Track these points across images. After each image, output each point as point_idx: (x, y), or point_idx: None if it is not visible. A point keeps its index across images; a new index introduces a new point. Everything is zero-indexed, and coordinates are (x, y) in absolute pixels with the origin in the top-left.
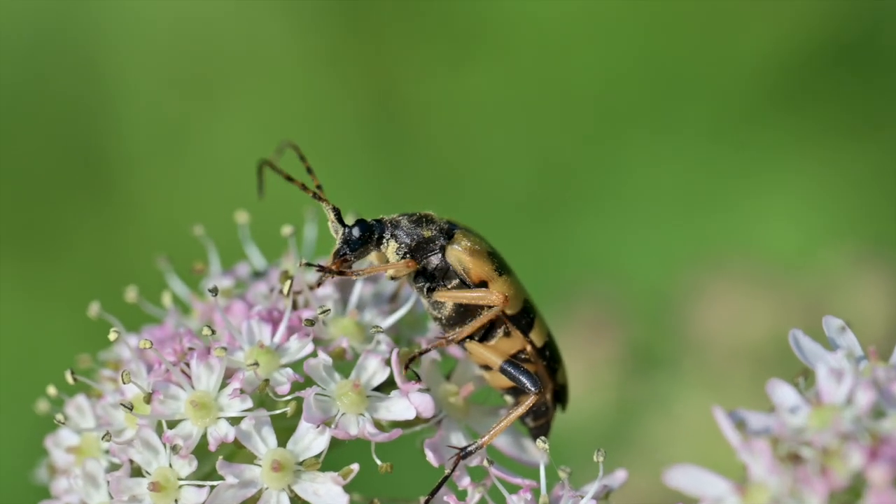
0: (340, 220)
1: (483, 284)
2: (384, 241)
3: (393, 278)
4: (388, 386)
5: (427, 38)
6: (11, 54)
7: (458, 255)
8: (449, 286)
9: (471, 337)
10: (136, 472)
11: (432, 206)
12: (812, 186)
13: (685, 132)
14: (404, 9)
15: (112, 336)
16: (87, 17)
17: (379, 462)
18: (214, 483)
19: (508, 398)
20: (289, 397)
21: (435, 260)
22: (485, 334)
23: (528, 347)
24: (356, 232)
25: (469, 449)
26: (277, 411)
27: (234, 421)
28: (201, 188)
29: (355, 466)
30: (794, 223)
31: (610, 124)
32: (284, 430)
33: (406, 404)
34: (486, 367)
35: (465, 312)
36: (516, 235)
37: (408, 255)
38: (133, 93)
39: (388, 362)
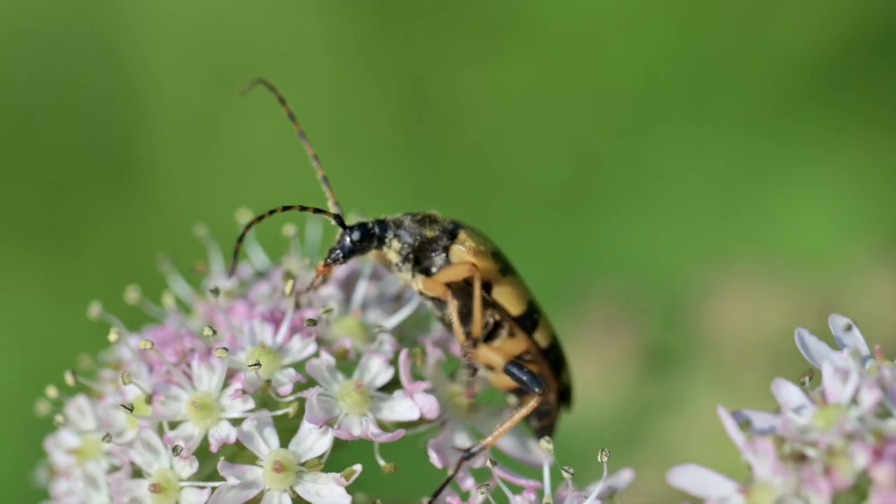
0: (341, 224)
1: (486, 285)
2: (386, 240)
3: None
4: (391, 386)
5: (459, 31)
6: (36, 47)
7: (462, 255)
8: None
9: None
10: (137, 473)
11: (463, 200)
12: (847, 179)
13: (719, 124)
14: (436, 0)
15: (112, 336)
16: (112, 10)
17: (382, 463)
18: (216, 484)
19: (512, 399)
20: (291, 398)
21: (439, 260)
22: (489, 335)
23: (533, 348)
24: (356, 236)
25: (473, 450)
26: (280, 412)
27: (236, 422)
28: (228, 183)
29: (358, 467)
30: (828, 216)
31: (643, 117)
32: (287, 430)
33: (409, 404)
34: (490, 368)
35: (468, 314)
36: (547, 228)
37: (410, 256)
38: (158, 86)
39: (391, 362)
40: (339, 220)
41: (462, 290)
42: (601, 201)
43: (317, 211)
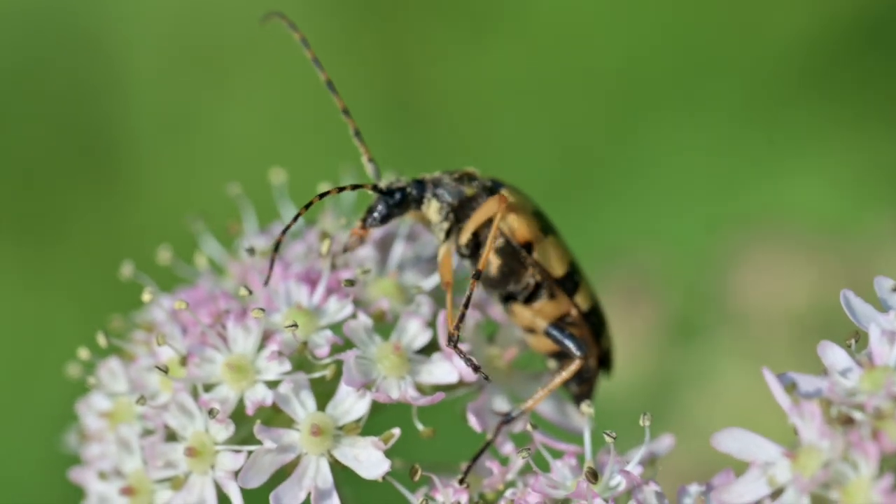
0: (379, 191)
1: (528, 245)
2: (425, 200)
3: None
4: (429, 349)
5: (444, 19)
6: (14, 33)
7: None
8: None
9: (514, 298)
10: (171, 436)
11: None
12: (840, 168)
13: (712, 113)
14: None
15: (146, 297)
16: None
17: (420, 427)
18: (252, 448)
19: (552, 363)
20: (328, 360)
21: None
22: (529, 296)
23: (574, 311)
24: (394, 200)
25: (512, 415)
26: (316, 374)
27: (272, 384)
28: (209, 173)
29: (396, 431)
30: (820, 204)
31: (634, 105)
32: (323, 394)
33: (449, 367)
34: (530, 331)
35: (508, 273)
36: None
37: (450, 215)
38: (139, 74)
39: (430, 324)
40: (377, 188)
41: (503, 249)
42: (593, 191)
43: (355, 187)
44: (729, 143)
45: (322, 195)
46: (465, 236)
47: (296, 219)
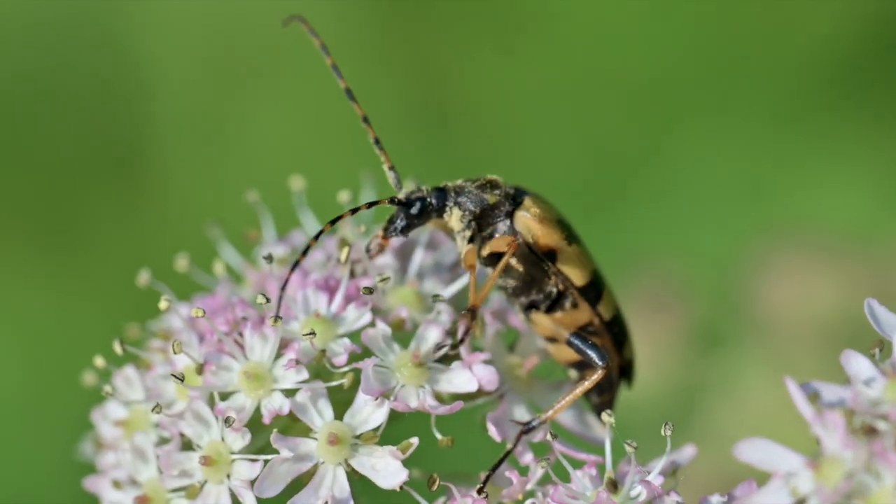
0: (398, 203)
1: (551, 253)
2: (447, 208)
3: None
4: (449, 357)
5: (475, 22)
6: (41, 38)
7: (527, 222)
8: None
9: (536, 307)
10: (187, 445)
11: None
12: (873, 173)
13: (743, 117)
14: None
15: (163, 304)
16: (118, 1)
17: (439, 436)
18: (268, 457)
19: (573, 372)
20: (346, 369)
21: (502, 227)
22: (551, 305)
23: (596, 320)
24: (414, 210)
25: (532, 424)
26: (334, 383)
27: (289, 393)
28: (236, 177)
29: (415, 440)
30: (855, 210)
31: (666, 110)
32: (341, 402)
33: (468, 376)
34: (552, 340)
35: (531, 281)
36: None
37: (472, 223)
38: (166, 78)
39: (449, 333)
40: (394, 200)
41: (525, 257)
42: (625, 196)
43: (370, 205)
44: (762, 150)
45: (333, 221)
46: (485, 252)
47: (316, 237)
